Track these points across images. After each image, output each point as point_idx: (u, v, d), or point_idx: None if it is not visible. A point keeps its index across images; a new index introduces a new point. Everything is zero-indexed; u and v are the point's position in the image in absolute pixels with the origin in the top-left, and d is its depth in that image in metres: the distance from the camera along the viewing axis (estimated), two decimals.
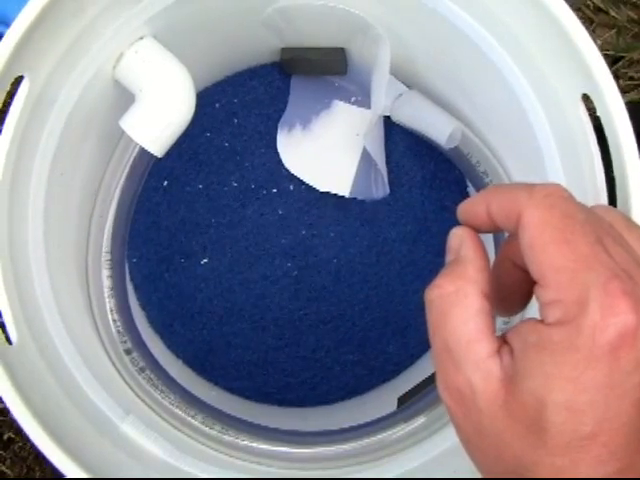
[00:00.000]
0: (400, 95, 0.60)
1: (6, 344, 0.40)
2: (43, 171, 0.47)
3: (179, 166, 0.62)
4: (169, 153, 0.60)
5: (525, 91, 0.47)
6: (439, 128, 0.57)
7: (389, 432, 0.50)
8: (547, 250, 0.26)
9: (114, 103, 0.51)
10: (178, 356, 0.63)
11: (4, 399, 0.38)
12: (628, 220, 0.30)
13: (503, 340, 0.28)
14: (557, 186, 0.28)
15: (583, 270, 0.25)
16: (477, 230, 0.31)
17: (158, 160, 0.58)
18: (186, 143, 0.62)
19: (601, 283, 0.25)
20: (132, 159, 0.51)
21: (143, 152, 0.50)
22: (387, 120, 0.62)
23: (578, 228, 0.26)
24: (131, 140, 0.49)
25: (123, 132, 0.49)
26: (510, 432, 0.26)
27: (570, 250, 0.26)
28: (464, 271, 0.29)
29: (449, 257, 0.31)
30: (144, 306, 0.63)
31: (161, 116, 0.49)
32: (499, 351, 0.27)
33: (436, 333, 0.29)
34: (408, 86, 0.61)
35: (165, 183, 0.62)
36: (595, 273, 0.25)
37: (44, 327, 0.45)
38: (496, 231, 0.32)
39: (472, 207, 0.31)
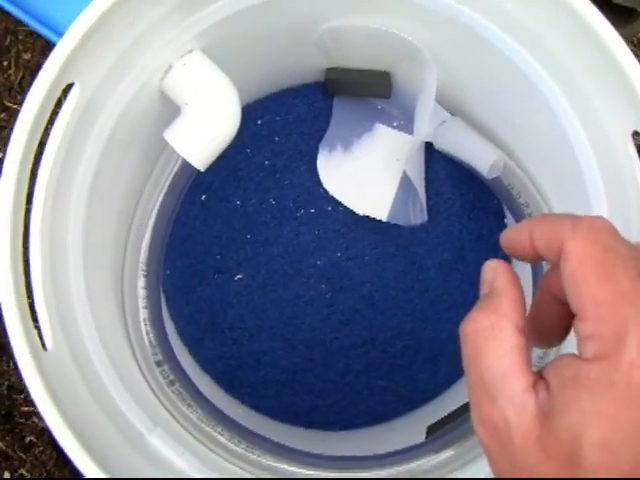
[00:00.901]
0: (443, 122, 0.59)
1: (41, 349, 0.40)
2: (86, 178, 0.47)
3: (218, 181, 0.62)
4: (208, 168, 0.61)
5: (573, 124, 0.46)
6: (482, 157, 0.56)
7: (418, 462, 0.50)
8: (587, 283, 0.26)
9: (159, 115, 0.51)
10: (206, 371, 0.62)
11: (37, 403, 0.38)
12: None
13: (539, 375, 0.28)
14: (602, 219, 0.28)
15: (623, 305, 0.25)
16: (519, 258, 0.31)
17: (198, 174, 0.58)
18: (226, 159, 0.61)
19: None
20: (174, 172, 0.51)
21: (185, 165, 0.50)
22: (428, 146, 0.62)
23: (620, 262, 0.26)
24: (174, 153, 0.49)
25: (166, 144, 0.49)
26: (544, 468, 0.26)
27: (611, 284, 0.25)
28: (499, 305, 0.28)
29: (483, 290, 0.31)
30: (175, 318, 0.63)
31: (206, 130, 0.49)
32: (535, 386, 0.27)
33: (471, 367, 0.28)
34: (451, 113, 0.60)
35: (203, 197, 0.62)
36: (635, 309, 0.25)
37: (79, 335, 0.45)
38: (538, 260, 0.31)
39: (516, 234, 0.31)
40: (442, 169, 0.62)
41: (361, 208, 0.61)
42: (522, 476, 0.27)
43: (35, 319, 0.41)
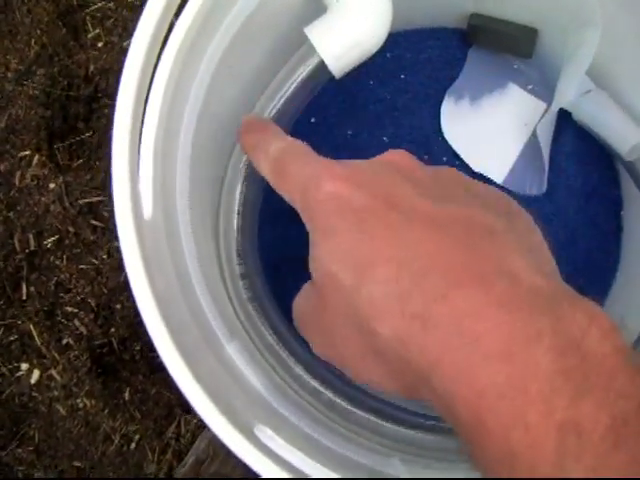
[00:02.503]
0: (588, 91, 0.55)
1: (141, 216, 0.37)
2: (211, 64, 0.43)
3: (333, 106, 0.58)
4: (325, 89, 0.57)
5: None
6: (624, 136, 0.52)
7: None
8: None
9: (301, 10, 0.47)
10: (278, 302, 0.58)
11: (127, 266, 0.34)
12: None
13: None
14: None
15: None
16: None
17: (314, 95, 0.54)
18: (346, 84, 0.58)
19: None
20: (306, 73, 0.47)
21: (320, 68, 0.46)
22: (559, 117, 0.57)
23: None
24: (310, 53, 0.45)
25: (303, 43, 0.45)
26: None
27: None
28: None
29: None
30: (258, 239, 0.59)
31: (352, 33, 0.45)
32: None
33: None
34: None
35: (313, 119, 0.58)
36: None
37: (175, 217, 0.42)
38: None
39: None
40: (570, 143, 0.58)
41: (478, 165, 0.57)
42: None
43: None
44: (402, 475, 0.41)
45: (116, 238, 0.35)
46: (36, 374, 0.76)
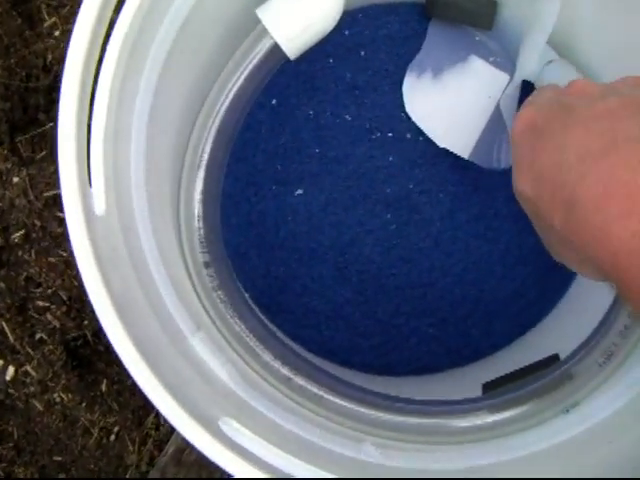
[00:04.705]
0: (550, 62, 0.54)
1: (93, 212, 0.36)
2: (161, 50, 0.42)
3: (293, 86, 0.57)
4: (284, 71, 0.56)
5: None
6: None
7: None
8: None
9: None
10: (246, 289, 0.58)
11: (80, 268, 0.33)
12: None
13: None
14: None
15: None
16: None
17: (272, 76, 0.53)
18: (305, 65, 0.57)
19: None
20: (259, 57, 0.46)
21: (274, 50, 0.45)
22: (522, 89, 0.56)
23: None
24: (263, 35, 0.45)
25: (255, 25, 0.45)
26: None
27: None
28: None
29: None
30: (222, 228, 0.58)
31: (305, 14, 0.44)
32: None
33: None
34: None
35: (273, 102, 0.57)
36: None
37: (131, 209, 0.41)
38: None
39: None
40: None
41: (443, 140, 0.56)
42: None
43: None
44: (376, 460, 0.40)
45: None
46: (11, 371, 0.75)
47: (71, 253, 0.34)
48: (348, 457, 0.40)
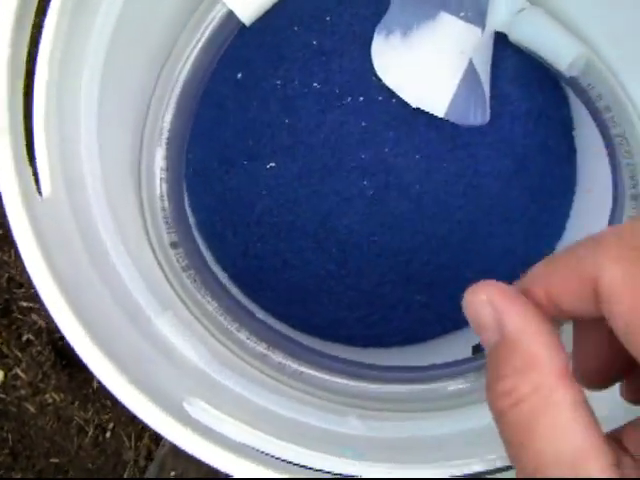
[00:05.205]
0: (521, 10, 0.52)
1: (36, 195, 0.34)
2: (107, 25, 0.40)
3: (258, 58, 0.55)
4: (248, 43, 0.54)
5: None
6: (562, 51, 0.50)
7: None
8: None
9: None
10: (225, 269, 0.56)
11: (25, 261, 0.31)
12: None
13: (618, 442, 0.20)
14: None
15: None
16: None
17: (235, 48, 0.52)
18: (269, 34, 0.55)
19: None
20: (213, 25, 0.45)
21: (229, 17, 0.43)
22: (497, 41, 0.54)
23: None
24: (215, 2, 0.43)
25: None
26: None
27: None
28: (530, 355, 0.20)
29: (487, 336, 0.22)
30: (195, 209, 0.56)
31: None
32: (619, 464, 0.19)
33: (522, 457, 0.20)
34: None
35: (239, 75, 0.55)
36: None
37: (83, 188, 0.39)
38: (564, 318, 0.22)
39: (526, 295, 0.22)
40: (511, 67, 0.55)
41: (417, 100, 0.54)
42: None
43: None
44: (360, 432, 0.39)
45: None
46: (0, 375, 0.74)
47: None
48: (331, 431, 0.39)
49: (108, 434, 0.73)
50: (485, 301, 0.21)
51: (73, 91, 0.38)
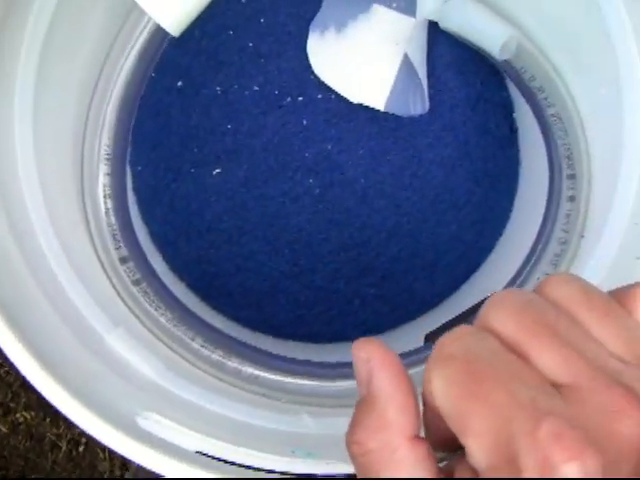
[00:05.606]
0: None
1: None
2: (35, 42, 0.40)
3: (196, 66, 0.55)
4: (186, 51, 0.55)
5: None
6: (492, 35, 0.50)
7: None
8: (457, 415, 0.20)
9: None
10: (181, 278, 0.57)
11: None
12: (587, 293, 0.22)
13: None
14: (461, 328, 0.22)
15: (503, 424, 0.19)
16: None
17: (172, 56, 0.52)
18: (205, 41, 0.55)
19: (526, 432, 0.18)
20: (142, 38, 0.45)
21: (157, 30, 0.44)
22: (431, 29, 0.55)
23: (486, 370, 0.20)
24: (142, 17, 0.43)
25: (135, 3, 0.43)
26: None
27: (481, 406, 0.19)
28: (383, 416, 0.22)
29: (360, 389, 0.24)
30: (147, 221, 0.57)
31: None
32: None
33: None
34: None
35: (179, 84, 0.55)
36: (518, 422, 0.18)
37: (25, 212, 0.39)
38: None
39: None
40: (447, 54, 0.56)
41: (356, 96, 0.54)
42: None
43: None
44: (313, 430, 0.39)
45: None
46: None
47: None
48: (284, 432, 0.39)
49: (81, 448, 0.74)
50: (364, 359, 0.23)
51: (5, 113, 0.39)
